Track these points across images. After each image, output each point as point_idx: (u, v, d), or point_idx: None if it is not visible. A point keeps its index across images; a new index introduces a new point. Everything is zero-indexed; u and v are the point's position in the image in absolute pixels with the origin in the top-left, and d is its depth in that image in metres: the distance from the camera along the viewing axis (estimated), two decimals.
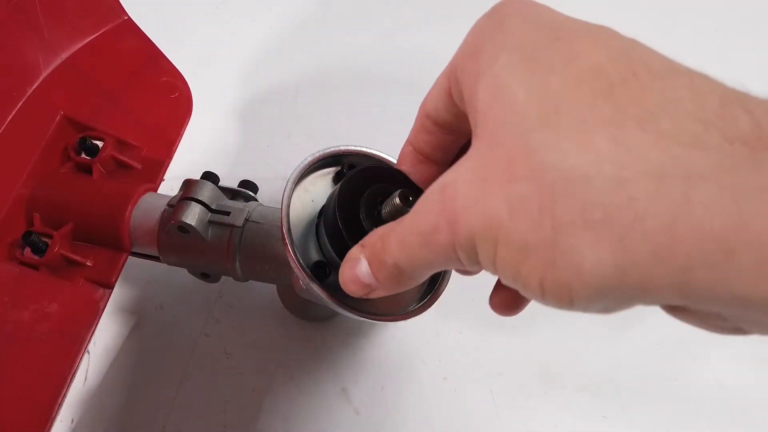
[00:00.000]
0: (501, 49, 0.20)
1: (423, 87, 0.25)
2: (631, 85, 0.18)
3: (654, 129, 0.17)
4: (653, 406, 0.43)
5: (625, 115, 0.17)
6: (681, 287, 0.16)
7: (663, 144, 0.16)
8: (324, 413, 0.43)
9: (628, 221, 0.16)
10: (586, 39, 0.19)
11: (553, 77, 0.19)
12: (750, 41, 0.65)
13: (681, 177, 0.16)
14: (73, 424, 0.42)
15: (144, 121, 0.47)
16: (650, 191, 0.16)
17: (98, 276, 0.40)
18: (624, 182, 0.16)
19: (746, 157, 0.16)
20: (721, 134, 0.16)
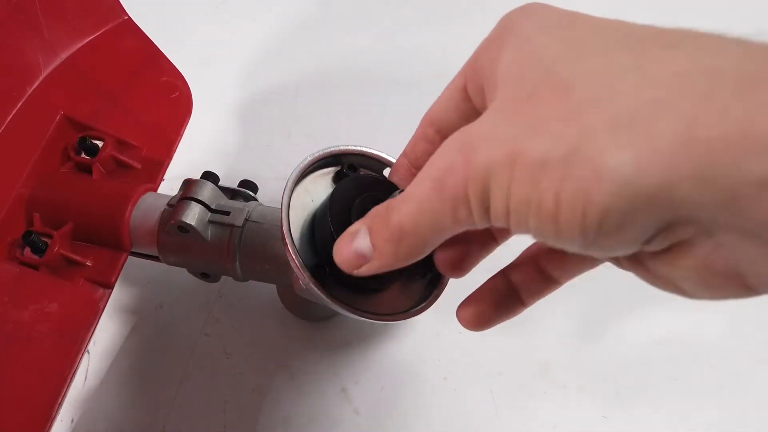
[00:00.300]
0: (527, 25, 0.22)
1: (423, 87, 0.25)
2: (655, 31, 0.19)
3: (676, 48, 0.18)
4: (653, 406, 0.43)
5: (648, 44, 0.18)
6: (702, 176, 0.16)
7: (685, 53, 0.17)
8: (324, 413, 0.43)
9: (650, 120, 0.16)
10: (610, 20, 0.21)
11: (578, 29, 0.20)
12: None
13: (703, 75, 0.16)
14: (73, 424, 0.42)
15: (144, 121, 0.47)
16: (673, 89, 0.17)
17: (98, 276, 0.40)
18: (647, 85, 0.17)
19: (765, 62, 0.16)
20: (742, 48, 0.17)
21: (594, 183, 0.17)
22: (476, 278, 0.30)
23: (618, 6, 0.66)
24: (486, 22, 0.25)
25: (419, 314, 0.32)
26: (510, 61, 0.21)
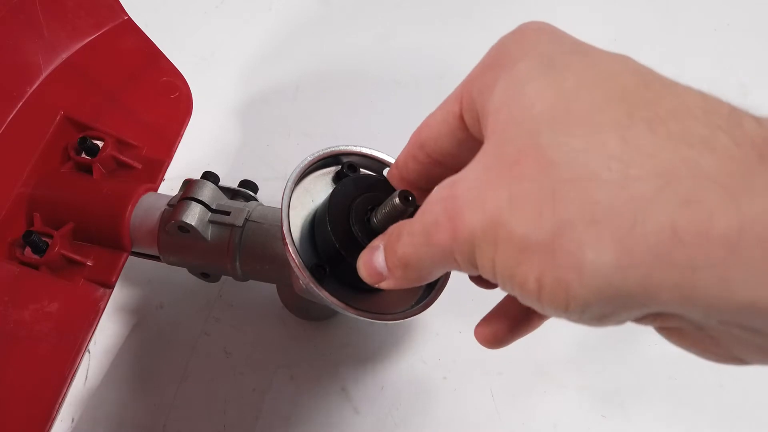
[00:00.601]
0: (521, 56, 0.21)
1: (423, 87, 0.25)
2: (644, 92, 0.18)
3: (663, 131, 0.17)
4: (653, 405, 0.43)
5: (635, 117, 0.17)
6: (682, 289, 0.16)
7: (671, 145, 0.16)
8: (324, 412, 0.43)
9: (631, 220, 0.16)
10: (604, 54, 0.20)
11: (568, 78, 0.19)
12: (750, 41, 0.65)
13: (688, 177, 0.16)
14: (73, 424, 0.42)
15: (144, 121, 0.47)
16: (656, 189, 0.16)
17: (98, 276, 0.40)
18: (631, 180, 0.16)
19: (754, 160, 0.16)
20: (729, 137, 0.16)
21: (574, 277, 0.17)
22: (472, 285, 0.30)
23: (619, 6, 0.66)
24: (485, 22, 0.25)
25: (419, 314, 0.32)
26: (500, 104, 0.21)
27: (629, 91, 0.18)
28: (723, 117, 0.17)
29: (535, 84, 0.19)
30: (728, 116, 0.17)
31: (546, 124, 0.18)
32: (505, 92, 0.20)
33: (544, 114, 0.19)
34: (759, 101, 0.59)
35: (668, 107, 0.17)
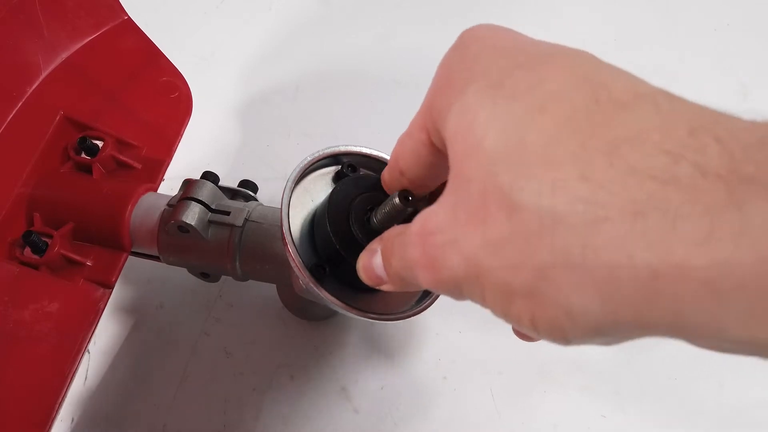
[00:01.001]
0: (468, 79, 0.20)
1: (422, 87, 0.25)
2: (594, 114, 0.17)
3: (623, 164, 0.16)
4: (653, 405, 0.43)
5: (591, 149, 0.16)
6: (676, 328, 0.16)
7: (634, 180, 0.16)
8: (324, 412, 0.43)
9: (609, 262, 0.16)
10: (548, 64, 0.19)
11: (515, 105, 0.18)
12: (750, 41, 0.65)
13: (657, 214, 0.15)
14: (73, 424, 0.42)
15: (144, 121, 0.47)
16: (627, 230, 0.15)
17: (98, 276, 0.40)
18: (600, 221, 0.16)
19: (723, 194, 0.15)
20: (693, 167, 0.15)
21: (566, 320, 0.17)
22: None
23: (619, 6, 0.66)
24: (485, 21, 0.25)
25: (419, 314, 0.32)
26: (454, 133, 0.20)
27: (579, 115, 0.17)
28: (683, 141, 0.16)
29: (484, 113, 0.19)
30: (688, 138, 0.16)
31: (502, 162, 0.18)
32: (458, 121, 0.20)
33: (498, 150, 0.18)
34: (759, 101, 0.60)
35: (622, 133, 0.16)
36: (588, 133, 0.17)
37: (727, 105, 0.17)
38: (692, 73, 0.61)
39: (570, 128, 0.17)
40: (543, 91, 0.18)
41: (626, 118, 0.17)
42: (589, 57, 0.19)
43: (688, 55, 0.63)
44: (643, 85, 0.18)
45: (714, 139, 0.15)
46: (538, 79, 0.18)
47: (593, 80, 0.18)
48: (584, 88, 0.18)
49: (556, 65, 0.19)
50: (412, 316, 0.32)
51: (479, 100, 0.19)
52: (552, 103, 0.18)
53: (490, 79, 0.19)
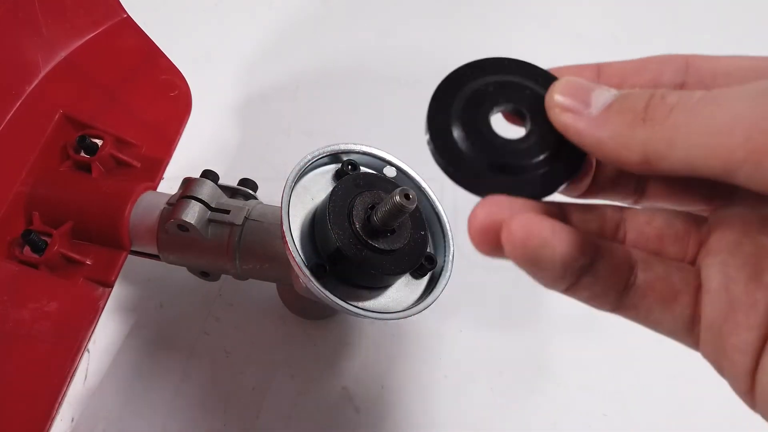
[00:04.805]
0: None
1: (422, 85, 0.25)
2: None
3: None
4: (653, 404, 0.43)
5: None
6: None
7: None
8: (324, 412, 0.43)
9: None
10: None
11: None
12: (751, 40, 0.65)
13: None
14: (73, 423, 0.42)
15: (143, 120, 0.47)
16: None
17: (98, 275, 0.40)
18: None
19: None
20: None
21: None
22: (476, 277, 0.30)
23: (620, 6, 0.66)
24: (486, 19, 0.25)
25: (419, 312, 0.32)
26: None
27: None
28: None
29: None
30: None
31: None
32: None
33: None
34: None
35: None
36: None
37: None
38: None
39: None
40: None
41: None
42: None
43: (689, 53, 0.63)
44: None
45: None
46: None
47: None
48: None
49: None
50: (413, 315, 0.32)
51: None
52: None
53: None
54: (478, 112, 0.21)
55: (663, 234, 0.21)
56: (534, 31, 0.63)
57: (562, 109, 0.20)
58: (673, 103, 0.18)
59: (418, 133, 0.55)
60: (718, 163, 0.16)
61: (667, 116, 0.18)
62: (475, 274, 0.47)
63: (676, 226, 0.21)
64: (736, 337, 0.19)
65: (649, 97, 0.19)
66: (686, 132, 0.17)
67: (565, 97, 0.20)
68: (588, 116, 0.19)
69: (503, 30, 0.63)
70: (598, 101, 0.19)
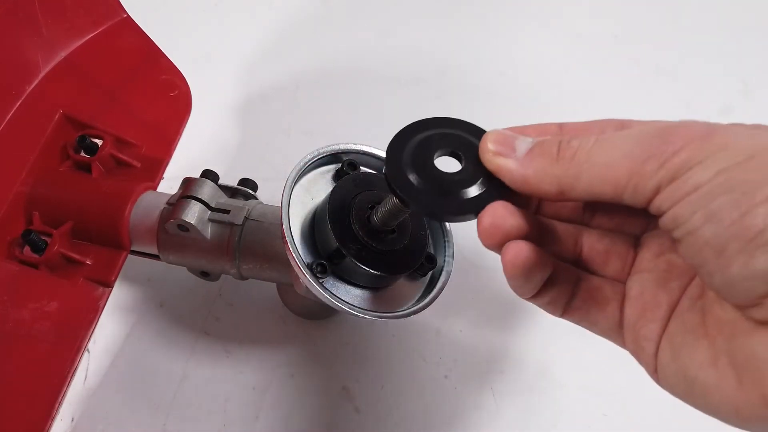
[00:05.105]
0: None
1: (422, 84, 0.25)
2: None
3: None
4: (653, 404, 0.43)
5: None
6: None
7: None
8: (325, 411, 0.43)
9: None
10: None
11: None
12: (752, 39, 0.65)
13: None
14: (73, 423, 0.42)
15: (143, 120, 0.47)
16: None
17: (98, 274, 0.40)
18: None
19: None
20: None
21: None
22: (476, 277, 0.30)
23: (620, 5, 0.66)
24: (486, 19, 0.25)
25: (419, 312, 0.32)
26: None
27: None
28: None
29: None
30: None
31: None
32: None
33: None
34: (761, 100, 0.59)
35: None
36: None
37: (729, 104, 0.17)
38: (693, 72, 0.61)
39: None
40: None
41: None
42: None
43: (689, 52, 0.63)
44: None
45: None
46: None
47: None
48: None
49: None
50: (412, 314, 0.32)
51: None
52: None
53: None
54: (425, 156, 0.27)
55: (609, 250, 0.26)
56: (534, 31, 0.63)
57: (494, 154, 0.25)
58: (576, 147, 0.23)
59: None
60: (610, 188, 0.22)
61: (573, 157, 0.23)
62: (475, 274, 0.47)
63: (619, 245, 0.26)
64: (645, 329, 0.24)
65: (559, 143, 0.24)
66: (587, 168, 0.22)
67: (495, 145, 0.25)
68: (515, 159, 0.24)
69: (503, 30, 0.63)
70: (521, 147, 0.25)
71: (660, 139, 0.21)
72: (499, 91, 0.59)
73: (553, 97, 0.59)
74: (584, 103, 0.58)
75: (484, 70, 0.60)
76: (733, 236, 0.19)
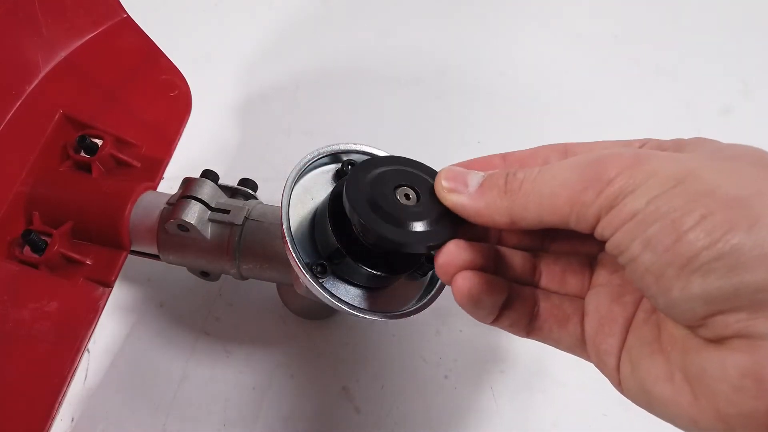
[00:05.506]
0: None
1: (422, 84, 0.25)
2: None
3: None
4: None
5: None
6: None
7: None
8: (325, 412, 0.43)
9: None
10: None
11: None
12: (753, 38, 0.65)
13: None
14: (73, 423, 0.42)
15: (143, 120, 0.47)
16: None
17: (98, 275, 0.40)
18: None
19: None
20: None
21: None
22: None
23: (620, 5, 0.66)
24: (486, 19, 0.25)
25: (419, 312, 0.32)
26: (711, 142, 0.24)
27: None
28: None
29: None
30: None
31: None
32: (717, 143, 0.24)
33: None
34: (762, 100, 0.59)
35: None
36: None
37: (729, 104, 0.17)
38: (693, 71, 0.61)
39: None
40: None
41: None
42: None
43: (690, 52, 0.63)
44: None
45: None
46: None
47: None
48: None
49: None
50: (413, 315, 0.32)
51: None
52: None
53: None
54: (383, 189, 0.28)
55: (566, 270, 0.28)
56: (534, 31, 0.63)
57: (448, 191, 0.26)
58: (522, 178, 0.24)
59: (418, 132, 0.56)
60: (557, 217, 0.23)
61: (520, 188, 0.24)
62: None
63: (574, 265, 0.28)
64: (604, 343, 0.25)
65: (506, 175, 0.25)
66: (533, 198, 0.23)
67: (448, 182, 0.26)
68: (467, 193, 0.26)
69: (503, 30, 0.63)
70: (472, 182, 0.26)
71: (595, 168, 0.22)
72: (499, 91, 0.59)
73: (553, 97, 0.59)
74: (584, 103, 0.58)
75: (484, 70, 0.60)
76: (669, 263, 0.20)
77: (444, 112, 0.57)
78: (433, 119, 0.56)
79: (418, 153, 0.37)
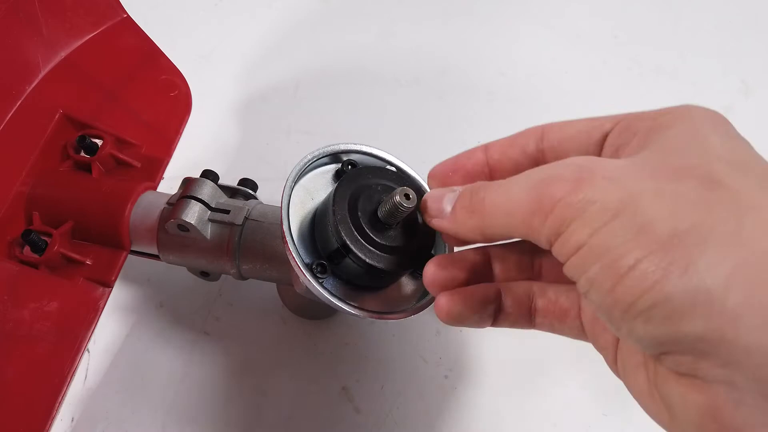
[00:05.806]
0: (702, 123, 0.23)
1: (423, 84, 0.25)
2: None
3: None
4: None
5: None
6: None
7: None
8: (324, 412, 0.43)
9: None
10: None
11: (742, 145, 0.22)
12: (753, 38, 0.65)
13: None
14: (73, 423, 0.42)
15: (143, 120, 0.47)
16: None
17: (98, 275, 0.40)
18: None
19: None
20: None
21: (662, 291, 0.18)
22: None
23: (620, 5, 0.66)
24: (486, 19, 0.25)
25: (419, 312, 0.32)
26: (675, 135, 0.22)
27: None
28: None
29: (716, 137, 0.21)
30: None
31: (725, 162, 0.20)
32: (683, 130, 0.22)
33: (723, 157, 0.20)
34: (761, 100, 0.59)
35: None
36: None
37: (729, 104, 0.17)
38: (693, 71, 0.61)
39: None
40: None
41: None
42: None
43: (689, 52, 0.63)
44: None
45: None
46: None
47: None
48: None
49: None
50: (413, 314, 0.32)
51: (712, 134, 0.23)
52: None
53: (723, 132, 0.23)
54: (370, 202, 0.30)
55: (559, 264, 0.27)
56: (534, 31, 0.63)
57: (431, 217, 0.27)
58: (483, 196, 0.24)
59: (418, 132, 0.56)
60: (519, 232, 0.23)
61: (483, 206, 0.24)
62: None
63: None
64: (601, 339, 0.26)
65: (469, 194, 0.25)
66: (496, 216, 0.24)
67: (431, 205, 0.27)
68: (446, 217, 0.26)
69: (503, 30, 0.63)
70: (447, 205, 0.26)
71: (540, 190, 0.22)
72: (499, 91, 0.59)
73: (553, 97, 0.59)
74: (584, 103, 0.58)
75: (484, 70, 0.60)
76: (612, 305, 0.20)
77: (444, 112, 0.57)
78: (433, 119, 0.56)
79: (418, 153, 0.37)
